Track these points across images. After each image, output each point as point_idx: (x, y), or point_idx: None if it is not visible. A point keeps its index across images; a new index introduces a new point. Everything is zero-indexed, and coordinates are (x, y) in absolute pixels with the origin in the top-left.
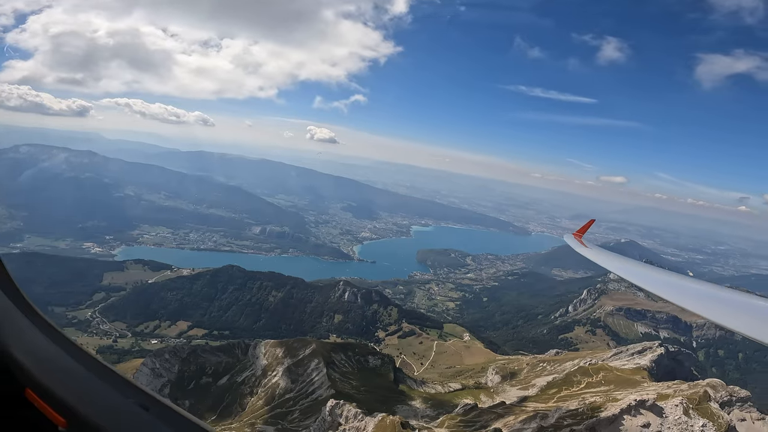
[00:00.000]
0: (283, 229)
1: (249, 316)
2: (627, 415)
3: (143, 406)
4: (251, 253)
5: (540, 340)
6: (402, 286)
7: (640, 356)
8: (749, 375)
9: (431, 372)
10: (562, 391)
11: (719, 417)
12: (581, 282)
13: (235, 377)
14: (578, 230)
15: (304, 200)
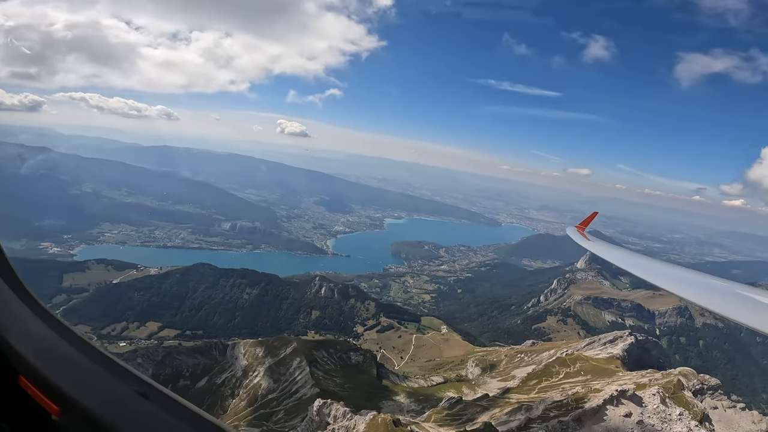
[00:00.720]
0: (254, 224)
1: (223, 315)
2: (610, 405)
3: (142, 394)
4: (222, 250)
5: (514, 331)
6: (377, 280)
7: (612, 345)
8: (710, 362)
9: (411, 366)
10: (543, 382)
11: (694, 405)
12: (550, 272)
13: (215, 379)
14: (581, 223)
15: (275, 194)
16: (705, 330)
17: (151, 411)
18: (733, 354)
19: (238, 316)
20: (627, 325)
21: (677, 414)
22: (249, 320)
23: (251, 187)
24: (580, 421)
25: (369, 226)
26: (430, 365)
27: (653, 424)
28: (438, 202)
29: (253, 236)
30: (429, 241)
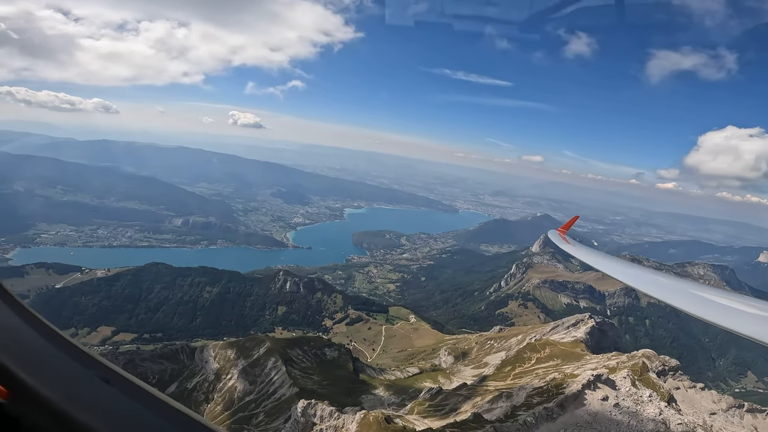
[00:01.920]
0: (209, 219)
1: (183, 316)
2: (588, 390)
3: (103, 379)
4: (174, 247)
5: (479, 317)
6: (341, 271)
7: (575, 329)
8: (657, 341)
9: (384, 357)
10: (516, 368)
11: (660, 387)
12: (507, 256)
13: (185, 384)
14: (562, 226)
15: (230, 188)
16: (650, 309)
17: (112, 396)
18: (678, 333)
19: (199, 316)
20: (581, 306)
21: (647, 396)
22: (212, 320)
23: (203, 180)
24: (563, 407)
25: (329, 216)
26: (403, 356)
27: (628, 406)
28: (397, 191)
29: (207, 232)
30: (390, 230)
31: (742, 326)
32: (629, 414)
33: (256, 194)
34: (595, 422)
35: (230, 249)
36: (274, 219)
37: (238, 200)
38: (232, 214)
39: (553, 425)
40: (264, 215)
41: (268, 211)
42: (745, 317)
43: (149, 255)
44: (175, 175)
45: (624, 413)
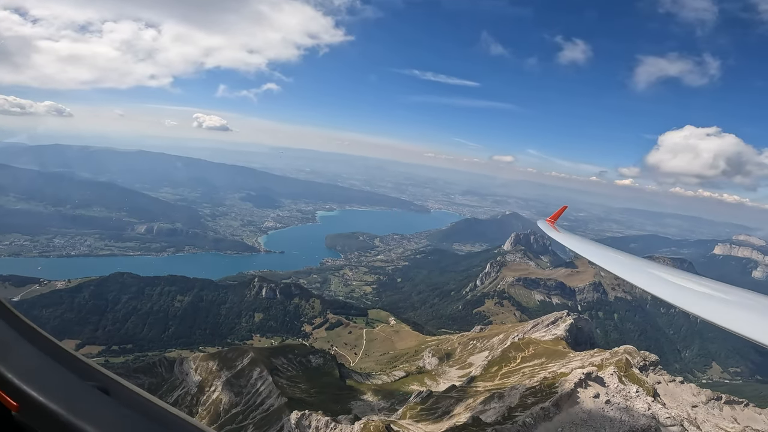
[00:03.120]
0: (175, 225)
1: (154, 326)
2: (580, 388)
3: (103, 390)
4: (138, 255)
5: (457, 317)
6: (316, 275)
7: (555, 327)
8: (625, 334)
9: (367, 361)
10: (503, 368)
11: (645, 382)
12: (481, 255)
13: (166, 398)
14: (551, 216)
15: (196, 192)
16: (618, 303)
17: (115, 407)
18: (644, 326)
19: (171, 326)
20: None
21: (635, 391)
22: (185, 329)
23: (166, 185)
24: (558, 406)
25: (301, 219)
26: (386, 359)
27: (618, 402)
28: (368, 192)
29: (173, 238)
30: (363, 232)
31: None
32: (620, 410)
33: (224, 198)
34: (590, 419)
35: (199, 255)
36: (244, 223)
37: (205, 205)
38: (199, 220)
39: (551, 424)
40: (233, 220)
41: (238, 215)
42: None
43: (112, 264)
44: (135, 180)
45: (616, 409)
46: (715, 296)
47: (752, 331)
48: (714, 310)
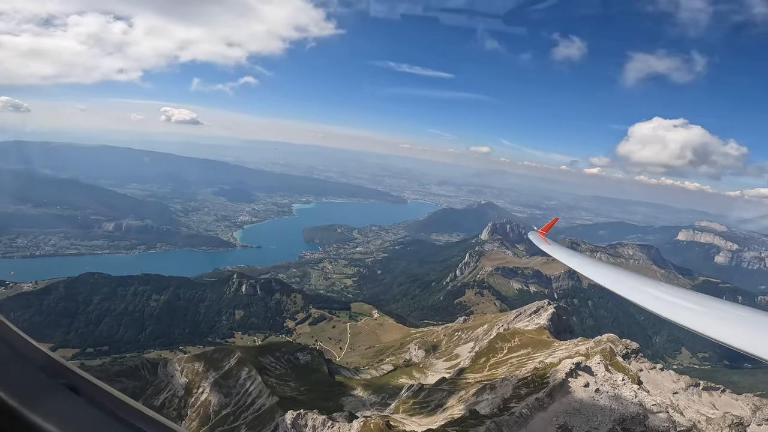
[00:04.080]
0: (145, 222)
1: (130, 327)
2: (570, 377)
3: (72, 388)
4: (107, 254)
5: (439, 307)
6: (295, 269)
7: (537, 316)
8: (600, 321)
9: (353, 355)
10: (491, 359)
11: (629, 370)
12: (459, 245)
13: (152, 401)
14: (542, 228)
15: (165, 188)
16: (592, 291)
17: (85, 408)
18: (617, 312)
19: (148, 326)
20: (531, 291)
21: (621, 380)
22: (162, 329)
23: (133, 181)
24: (552, 396)
25: (277, 213)
26: (371, 352)
27: (607, 390)
28: (345, 184)
29: (144, 235)
30: (341, 224)
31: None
32: (610, 398)
33: (196, 193)
34: (582, 408)
35: (172, 252)
36: (218, 218)
37: (177, 200)
38: (170, 216)
39: (545, 414)
40: (207, 215)
41: (211, 210)
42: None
43: (80, 263)
44: (100, 176)
45: (605, 398)
46: (696, 309)
47: (743, 342)
48: (693, 319)
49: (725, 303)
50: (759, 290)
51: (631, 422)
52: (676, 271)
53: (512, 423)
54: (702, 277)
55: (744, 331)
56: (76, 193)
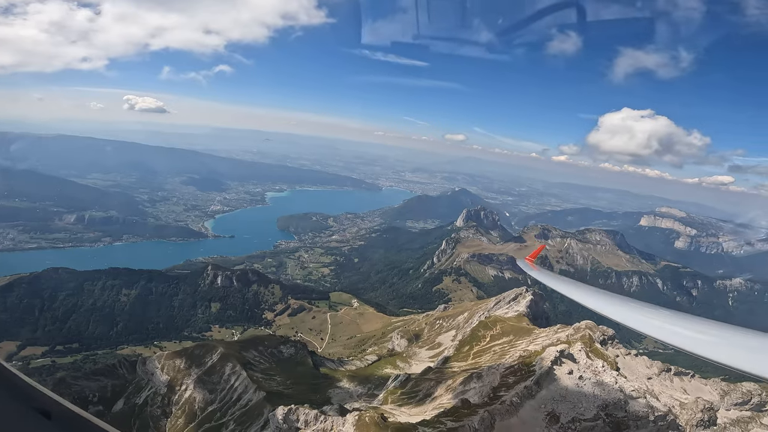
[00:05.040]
0: (109, 213)
1: (100, 323)
2: (555, 365)
3: (44, 413)
4: (70, 247)
5: (418, 295)
6: (271, 259)
7: (516, 303)
8: (571, 306)
9: (335, 346)
10: (474, 348)
11: (608, 357)
12: (434, 232)
13: (133, 399)
14: (530, 255)
15: (130, 178)
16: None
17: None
18: None
19: (120, 322)
20: (506, 278)
21: (601, 366)
22: (135, 325)
23: (95, 171)
24: (539, 384)
25: (249, 202)
26: (353, 342)
27: (589, 377)
28: (319, 171)
29: (109, 227)
30: (316, 212)
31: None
32: (593, 385)
33: (164, 183)
34: (568, 395)
35: (140, 244)
36: (188, 208)
37: (143, 190)
38: (136, 206)
39: (534, 402)
40: (176, 205)
41: (180, 200)
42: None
43: (41, 258)
44: (60, 166)
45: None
46: (682, 332)
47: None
48: (682, 340)
49: (716, 325)
50: (717, 274)
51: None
52: (640, 257)
53: (504, 411)
54: (664, 262)
55: (738, 352)
56: (34, 184)
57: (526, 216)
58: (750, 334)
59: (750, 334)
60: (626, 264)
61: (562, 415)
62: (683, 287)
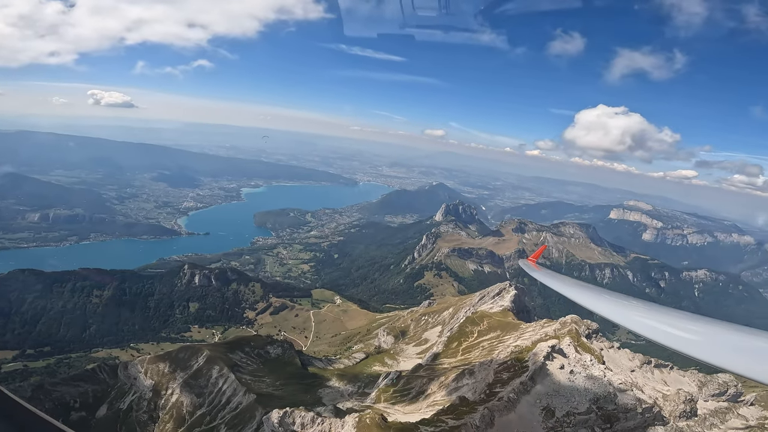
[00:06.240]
0: (74, 211)
1: (72, 326)
2: (548, 360)
3: (19, 427)
4: (34, 247)
5: (400, 290)
6: (248, 256)
7: (500, 298)
8: (548, 299)
9: (320, 344)
10: (463, 344)
11: (594, 350)
12: (414, 227)
13: (117, 405)
14: (532, 255)
15: (96, 174)
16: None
17: None
18: None
19: (92, 324)
20: (486, 272)
21: (589, 360)
22: (109, 327)
23: (58, 168)
24: (534, 380)
25: (224, 198)
26: (338, 340)
27: (580, 371)
28: (295, 167)
29: (75, 226)
30: (293, 208)
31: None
32: (584, 379)
33: (132, 179)
34: (561, 390)
35: (109, 243)
36: (159, 205)
37: (110, 187)
38: (104, 204)
39: (530, 397)
40: (146, 202)
41: (151, 196)
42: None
43: (5, 259)
44: (20, 163)
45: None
46: (677, 334)
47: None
48: (677, 341)
49: (715, 323)
50: (683, 266)
51: (604, 401)
52: (611, 249)
53: (502, 408)
54: (633, 254)
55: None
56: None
57: (501, 210)
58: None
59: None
60: (599, 256)
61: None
62: (652, 279)
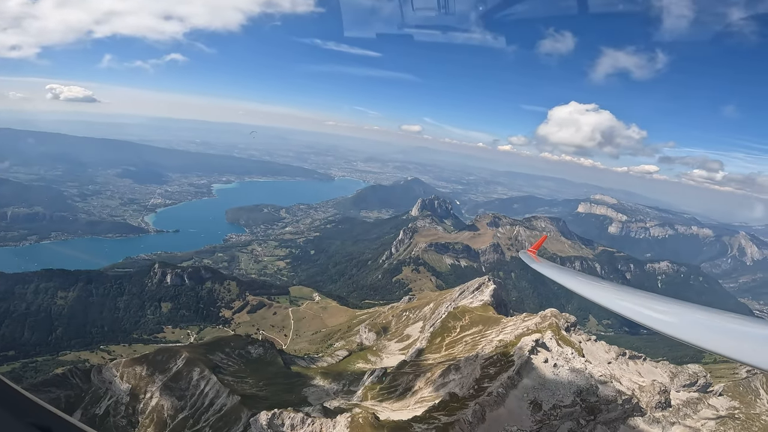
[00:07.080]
0: (33, 209)
1: (36, 329)
2: (533, 355)
3: (43, 428)
4: None
5: (378, 286)
6: (221, 253)
7: (480, 293)
8: (522, 292)
9: (300, 342)
10: (446, 339)
11: (574, 344)
12: (390, 222)
13: (92, 409)
14: (532, 246)
15: (55, 171)
16: (513, 263)
17: None
18: (535, 283)
19: (58, 327)
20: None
21: (570, 353)
22: (76, 329)
23: (15, 164)
24: (520, 374)
25: (194, 194)
26: (319, 337)
27: (562, 365)
28: (268, 162)
29: (34, 224)
30: (267, 204)
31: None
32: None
33: (95, 176)
34: (546, 383)
35: (71, 242)
36: (124, 202)
37: (71, 184)
38: (65, 201)
39: (517, 391)
40: (110, 199)
41: (115, 193)
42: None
43: None
44: None
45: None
46: (671, 321)
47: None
48: (678, 329)
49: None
50: (646, 258)
51: (586, 393)
52: (581, 242)
53: (492, 402)
54: (601, 247)
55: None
56: None
57: (475, 204)
58: None
59: None
60: (569, 249)
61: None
62: (618, 271)
